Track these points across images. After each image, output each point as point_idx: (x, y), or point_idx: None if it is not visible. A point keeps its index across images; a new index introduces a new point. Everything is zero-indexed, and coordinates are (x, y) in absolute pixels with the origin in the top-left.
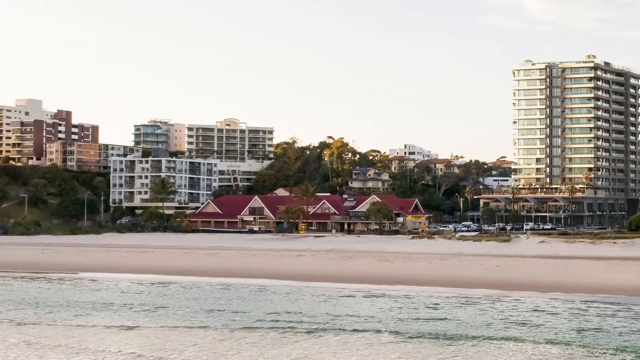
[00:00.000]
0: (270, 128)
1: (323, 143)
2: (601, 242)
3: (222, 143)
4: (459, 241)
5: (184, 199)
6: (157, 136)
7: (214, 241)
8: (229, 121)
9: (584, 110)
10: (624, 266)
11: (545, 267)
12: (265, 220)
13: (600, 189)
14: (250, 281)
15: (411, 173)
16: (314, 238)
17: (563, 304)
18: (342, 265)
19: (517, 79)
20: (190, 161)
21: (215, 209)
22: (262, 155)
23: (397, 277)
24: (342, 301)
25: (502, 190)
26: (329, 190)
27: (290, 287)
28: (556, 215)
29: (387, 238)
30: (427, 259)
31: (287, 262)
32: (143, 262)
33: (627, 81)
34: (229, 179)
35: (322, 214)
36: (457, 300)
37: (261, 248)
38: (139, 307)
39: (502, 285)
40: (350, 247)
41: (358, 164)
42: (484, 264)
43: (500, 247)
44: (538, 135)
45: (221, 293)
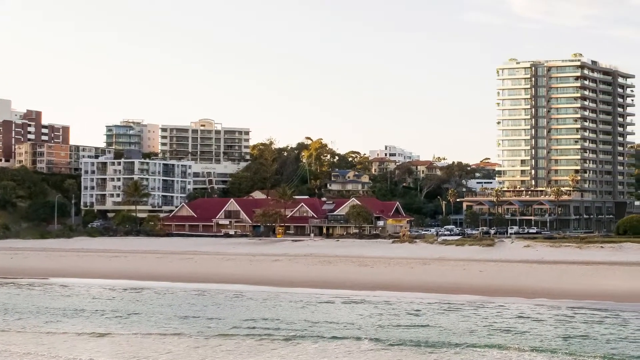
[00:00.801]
0: (247, 129)
1: (301, 144)
2: (588, 247)
3: (197, 144)
4: (441, 245)
5: (157, 202)
6: (130, 137)
7: (189, 245)
8: (203, 121)
9: (570, 111)
10: (612, 271)
11: (530, 272)
12: (241, 224)
13: (587, 191)
14: (226, 287)
15: (392, 175)
16: (292, 242)
17: (549, 310)
18: (321, 271)
19: (501, 78)
20: (163, 163)
21: (189, 213)
22: (238, 156)
23: (377, 283)
24: (321, 307)
25: (486, 193)
26: (307, 193)
27: (267, 293)
28: (541, 219)
29: (367, 242)
30: (408, 264)
31: (264, 267)
32: (115, 267)
33: (615, 80)
34: (204, 182)
35: (300, 217)
36: (440, 307)
37: (237, 253)
38: (111, 313)
39: (486, 291)
40: (329, 252)
41: (337, 166)
42: (467, 269)
43: (484, 251)
44: (523, 136)
45: (196, 299)
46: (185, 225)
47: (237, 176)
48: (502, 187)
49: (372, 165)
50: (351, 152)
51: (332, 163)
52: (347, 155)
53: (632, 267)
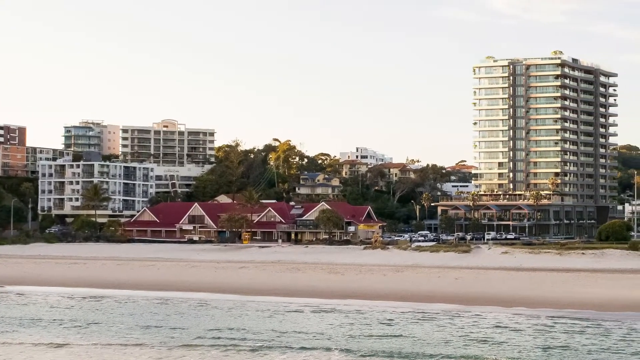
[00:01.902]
0: (212, 130)
1: (268, 146)
2: (568, 253)
3: (160, 146)
4: (415, 252)
5: (118, 206)
6: (89, 138)
7: (151, 252)
8: (166, 122)
9: (550, 111)
10: (593, 279)
11: (508, 280)
12: (205, 229)
13: (567, 195)
14: (190, 295)
15: (363, 178)
16: (259, 248)
17: (527, 319)
18: (289, 278)
19: (477, 76)
20: (124, 165)
21: (152, 217)
22: (202, 159)
23: (348, 291)
24: (289, 317)
25: (462, 197)
26: (275, 197)
27: (232, 302)
28: (520, 224)
29: (338, 248)
30: (380, 271)
31: (229, 274)
32: (74, 275)
33: (597, 79)
34: (167, 185)
35: (267, 222)
36: (413, 316)
37: (201, 259)
38: (70, 323)
39: (462, 300)
40: (298, 258)
41: (306, 169)
42: (442, 276)
43: (460, 258)
44: (500, 138)
45: (158, 308)
46: (147, 230)
47: (202, 179)
48: (479, 191)
49: (343, 167)
50: (321, 154)
51: (301, 166)
52: (317, 157)
53: (614, 275)
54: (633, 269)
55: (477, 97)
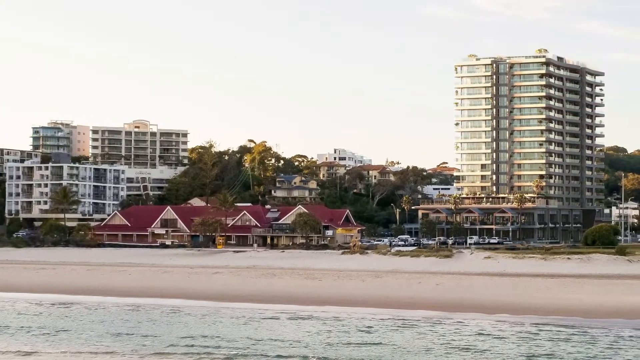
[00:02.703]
0: (185, 130)
1: (243, 147)
2: (554, 258)
3: (131, 147)
4: (395, 257)
5: (88, 209)
6: (58, 140)
7: (122, 257)
8: (138, 123)
9: (534, 111)
10: (579, 285)
11: (491, 285)
12: (178, 233)
13: (552, 198)
14: (162, 301)
15: (341, 181)
16: (233, 253)
17: (511, 326)
18: (265, 284)
19: (459, 75)
20: (95, 167)
21: (123, 221)
22: (175, 160)
23: (326, 297)
24: (265, 324)
25: (443, 200)
26: (250, 200)
27: (206, 308)
28: (503, 228)
29: (315, 253)
30: (359, 277)
31: (203, 280)
32: (42, 280)
33: (583, 78)
34: (139, 188)
35: (242, 226)
36: (393, 323)
37: (174, 264)
38: (38, 330)
39: (443, 306)
40: (274, 264)
41: (282, 171)
42: (423, 282)
43: (441, 263)
44: (483, 139)
45: (130, 315)
46: (118, 235)
47: (175, 182)
48: (461, 194)
49: (320, 170)
50: (297, 155)
51: (277, 168)
52: (293, 159)
53: (601, 280)
54: (620, 274)
55: (459, 97)
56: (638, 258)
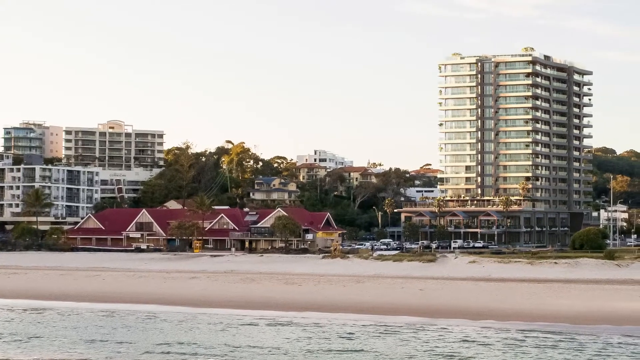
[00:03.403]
0: (160, 131)
1: (221, 148)
2: (540, 263)
3: (105, 148)
4: (377, 261)
5: (61, 212)
6: (30, 140)
7: (96, 261)
8: (112, 123)
9: (520, 111)
10: (567, 290)
11: (476, 291)
12: (154, 237)
13: (539, 201)
14: (137, 307)
15: (322, 183)
16: (211, 258)
17: (496, 333)
18: (243, 289)
19: (443, 74)
20: (68, 169)
21: (97, 225)
22: (150, 162)
23: (306, 303)
24: (243, 330)
25: (427, 202)
26: (228, 203)
27: (183, 314)
28: (489, 232)
29: (295, 258)
30: (340, 282)
31: (179, 285)
32: (14, 285)
33: (570, 77)
34: (113, 190)
35: (219, 230)
36: (375, 329)
37: (150, 269)
38: (9, 336)
39: (427, 312)
40: (252, 268)
41: (261, 173)
42: (405, 287)
43: (425, 268)
44: (468, 140)
45: (104, 321)
46: (92, 238)
47: (150, 184)
48: (445, 197)
49: (300, 172)
50: (277, 157)
51: (256, 169)
52: (272, 160)
53: (589, 286)
54: (609, 279)
55: (443, 96)
56: (627, 262)
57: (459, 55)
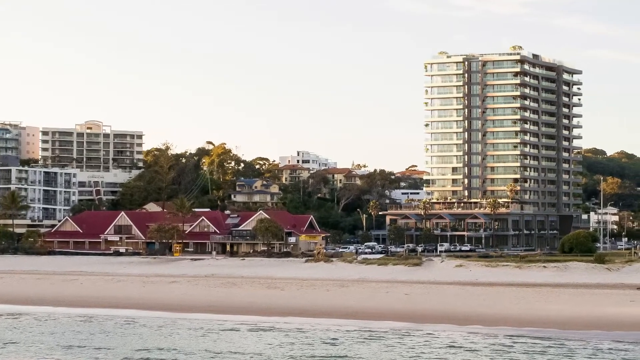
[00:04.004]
0: (140, 132)
1: (201, 149)
2: (529, 267)
3: (83, 149)
4: (362, 265)
5: (37, 215)
6: (6, 141)
7: (74, 265)
8: (90, 124)
9: (508, 111)
10: (556, 294)
11: (463, 295)
12: (133, 240)
13: (527, 203)
14: (116, 312)
15: (305, 185)
16: (191, 261)
17: (484, 338)
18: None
19: (429, 74)
20: (45, 171)
21: (74, 227)
22: (129, 163)
23: (288, 308)
24: (224, 335)
25: (412, 205)
26: (209, 205)
27: (162, 319)
28: (476, 235)
29: (277, 261)
30: (324, 286)
31: (159, 289)
32: None
33: (559, 77)
34: (91, 192)
35: (200, 233)
36: (359, 335)
37: (128, 273)
38: None
39: (413, 317)
40: (234, 272)
41: (243, 175)
42: (390, 291)
43: (410, 272)
44: (455, 141)
45: (81, 326)
46: (69, 241)
47: (129, 186)
48: (431, 199)
49: (283, 173)
50: (259, 158)
51: (237, 171)
52: (254, 162)
53: (578, 290)
54: (599, 283)
55: (429, 96)
56: (618, 266)
57: (445, 54)
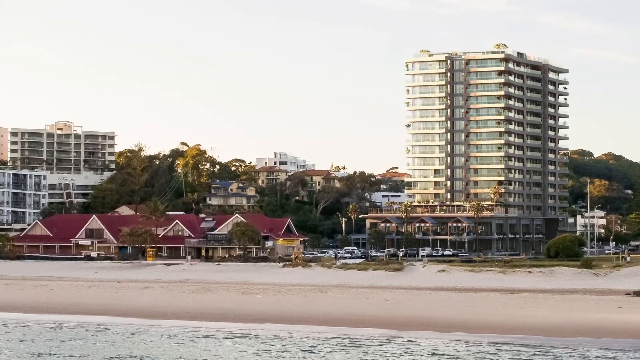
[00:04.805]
0: (112, 133)
1: (175, 151)
2: (513, 272)
3: (53, 151)
4: (341, 270)
5: (6, 218)
6: None
7: (44, 270)
8: (61, 124)
9: (492, 111)
10: (542, 300)
11: (445, 301)
12: (105, 244)
13: (512, 206)
14: (88, 318)
15: (282, 187)
16: (165, 266)
17: (467, 346)
18: (199, 300)
19: (411, 73)
20: (14, 173)
21: (44, 231)
22: (101, 165)
23: (265, 314)
24: (199, 343)
25: (393, 208)
26: (183, 209)
27: (135, 326)
28: (459, 239)
29: (254, 266)
30: (302, 292)
31: (131, 295)
32: None
33: (545, 75)
34: (62, 195)
35: (174, 237)
36: (338, 342)
37: (100, 278)
38: None
39: (393, 324)
40: (209, 277)
41: (218, 177)
42: (371, 297)
43: (391, 277)
44: (437, 142)
45: (52, 333)
46: (39, 246)
47: (101, 188)
48: (412, 202)
49: (260, 175)
50: (235, 160)
51: (212, 173)
52: (230, 163)
53: (564, 296)
54: (585, 289)
55: (411, 95)
56: (605, 271)
57: (427, 52)
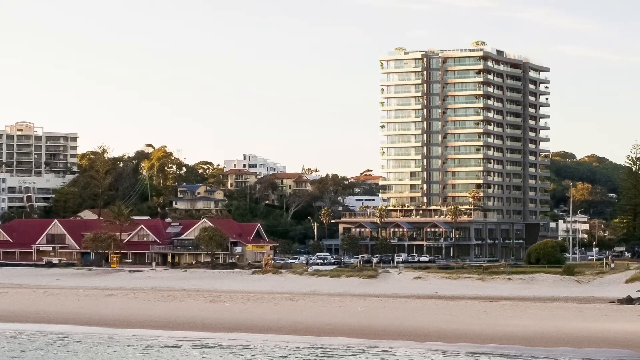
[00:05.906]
0: (74, 134)
1: (140, 153)
2: (492, 279)
3: (13, 153)
4: (313, 277)
5: None
6: None
7: (2, 277)
8: (20, 125)
9: (470, 111)
10: (522, 308)
11: (421, 309)
12: (67, 250)
13: (491, 210)
14: (49, 327)
15: (252, 191)
16: (129, 273)
17: (444, 356)
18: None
19: (385, 71)
20: None
21: (4, 237)
22: (63, 168)
23: (234, 323)
24: (165, 353)
25: (367, 212)
26: (148, 213)
27: (98, 335)
28: (436, 244)
29: (222, 273)
30: (272, 300)
31: (94, 303)
32: None
33: (526, 74)
34: (22, 199)
35: (139, 242)
36: (310, 352)
37: (62, 286)
38: None
39: (368, 333)
40: (175, 285)
41: (185, 180)
42: (344, 305)
43: (365, 284)
44: (413, 143)
45: (11, 343)
46: None
47: (63, 192)
48: (387, 206)
49: (228, 178)
50: (202, 162)
51: (179, 176)
52: (197, 166)
53: (545, 304)
54: (568, 296)
55: (385, 95)
56: (588, 278)
57: (402, 50)
